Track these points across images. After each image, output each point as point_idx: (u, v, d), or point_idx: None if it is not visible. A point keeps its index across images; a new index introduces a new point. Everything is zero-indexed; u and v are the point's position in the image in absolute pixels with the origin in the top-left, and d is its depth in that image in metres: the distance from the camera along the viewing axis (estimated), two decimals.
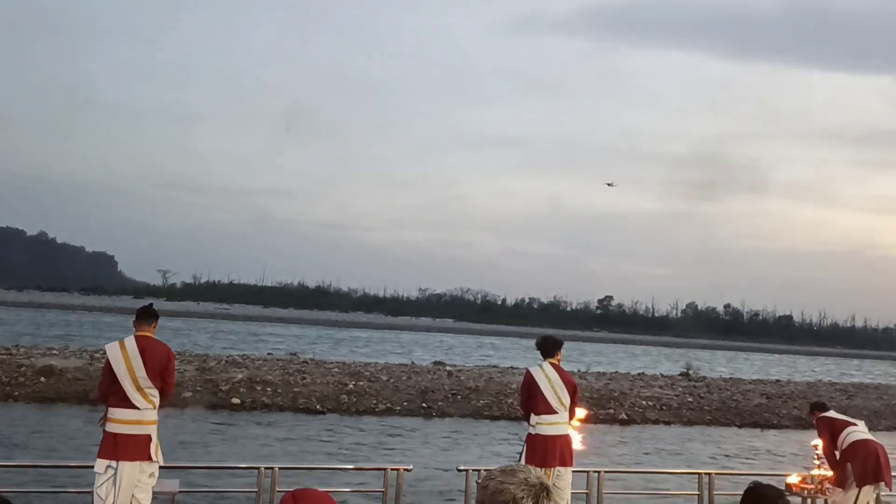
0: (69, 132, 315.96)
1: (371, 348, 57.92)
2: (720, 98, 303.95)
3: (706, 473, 9.69)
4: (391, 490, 8.27)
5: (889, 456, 8.45)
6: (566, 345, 8.79)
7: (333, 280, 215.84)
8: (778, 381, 43.16)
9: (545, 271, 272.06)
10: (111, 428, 6.70)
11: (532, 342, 8.66)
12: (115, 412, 6.73)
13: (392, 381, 27.76)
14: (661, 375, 39.57)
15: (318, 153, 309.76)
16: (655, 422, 26.71)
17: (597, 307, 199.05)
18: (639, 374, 40.14)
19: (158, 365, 6.88)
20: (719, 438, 24.31)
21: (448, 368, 33.49)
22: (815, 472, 8.70)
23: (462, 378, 29.51)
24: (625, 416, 26.62)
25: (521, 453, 7.88)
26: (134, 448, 6.63)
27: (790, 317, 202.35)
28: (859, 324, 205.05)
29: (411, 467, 8.61)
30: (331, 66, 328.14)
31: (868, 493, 8.26)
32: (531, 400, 7.84)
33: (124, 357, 6.82)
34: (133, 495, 6.63)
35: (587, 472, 9.20)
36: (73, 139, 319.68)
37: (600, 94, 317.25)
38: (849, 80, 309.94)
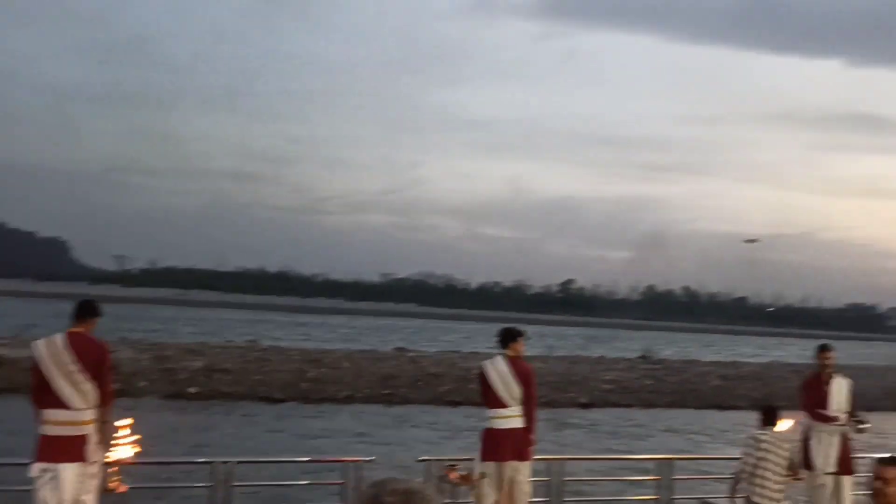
0: (12, 114, 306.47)
1: (333, 334, 57.59)
2: (675, 81, 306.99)
3: (666, 458, 9.72)
4: (351, 482, 8.12)
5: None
6: (529, 329, 8.68)
7: (294, 265, 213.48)
8: (734, 362, 43.91)
9: (507, 254, 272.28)
10: (46, 430, 6.32)
11: (496, 327, 8.59)
12: (50, 413, 6.31)
13: (353, 367, 27.60)
14: (622, 359, 39.99)
15: (277, 135, 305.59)
16: (616, 405, 26.97)
17: (558, 290, 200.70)
18: (599, 357, 40.51)
19: (91, 361, 6.35)
20: (678, 421, 24.62)
21: (410, 354, 33.43)
22: None
23: (424, 364, 29.48)
24: (586, 400, 26.83)
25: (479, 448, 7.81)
26: (71, 450, 6.31)
27: (745, 298, 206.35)
28: (812, 305, 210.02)
29: (373, 458, 8.46)
30: (290, 46, 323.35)
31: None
32: (484, 394, 7.84)
33: (52, 353, 6.30)
34: (77, 498, 6.34)
35: (547, 458, 9.16)
36: (16, 121, 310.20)
37: (559, 76, 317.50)
38: (800, 64, 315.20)
